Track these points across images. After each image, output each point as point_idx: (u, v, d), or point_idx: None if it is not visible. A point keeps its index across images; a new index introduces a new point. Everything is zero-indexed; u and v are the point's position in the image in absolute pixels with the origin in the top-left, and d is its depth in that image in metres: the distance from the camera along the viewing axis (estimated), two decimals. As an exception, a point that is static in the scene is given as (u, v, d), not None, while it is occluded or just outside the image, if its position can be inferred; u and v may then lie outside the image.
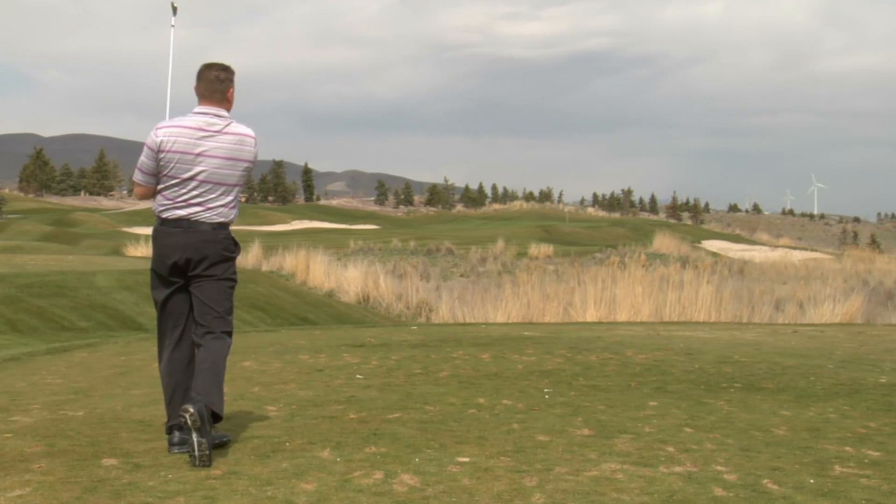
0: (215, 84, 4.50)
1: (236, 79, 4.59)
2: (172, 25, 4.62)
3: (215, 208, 4.47)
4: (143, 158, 4.46)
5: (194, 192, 4.43)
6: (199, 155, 4.40)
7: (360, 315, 19.83)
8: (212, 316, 4.49)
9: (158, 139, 4.40)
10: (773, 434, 4.91)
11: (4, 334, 12.20)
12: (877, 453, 4.50)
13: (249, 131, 4.57)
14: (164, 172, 4.43)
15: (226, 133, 4.47)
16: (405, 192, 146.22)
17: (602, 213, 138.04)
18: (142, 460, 4.19)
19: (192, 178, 4.41)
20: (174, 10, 4.65)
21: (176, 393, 4.47)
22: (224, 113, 4.52)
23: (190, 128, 4.42)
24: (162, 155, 4.40)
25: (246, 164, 4.54)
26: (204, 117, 4.46)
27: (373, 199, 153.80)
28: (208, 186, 4.44)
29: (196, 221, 4.43)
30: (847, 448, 4.60)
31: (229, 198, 4.51)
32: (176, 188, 4.43)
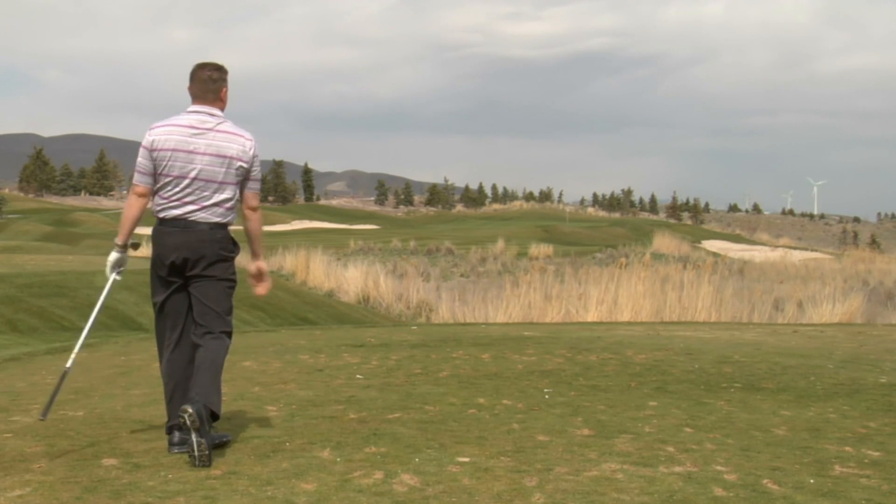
0: (208, 84, 4.51)
1: (230, 78, 4.60)
2: None
3: (210, 207, 4.47)
4: (140, 159, 4.50)
5: (188, 190, 4.44)
6: (191, 152, 4.43)
7: (360, 315, 19.83)
8: (211, 316, 4.49)
9: (151, 138, 4.45)
10: (773, 434, 4.91)
11: (4, 334, 12.19)
12: (877, 453, 4.50)
13: (245, 132, 4.56)
14: (159, 171, 4.46)
15: (217, 131, 4.48)
16: (405, 192, 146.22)
17: (602, 213, 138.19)
18: (142, 460, 4.19)
19: (184, 176, 4.43)
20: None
21: (176, 393, 4.48)
22: (217, 112, 4.53)
23: (182, 126, 4.46)
24: (156, 153, 4.43)
25: (239, 164, 4.52)
26: (196, 115, 4.49)
27: (373, 199, 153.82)
28: (201, 184, 4.45)
29: (193, 221, 4.45)
30: (847, 448, 4.59)
31: (223, 196, 4.50)
32: (170, 186, 4.45)
